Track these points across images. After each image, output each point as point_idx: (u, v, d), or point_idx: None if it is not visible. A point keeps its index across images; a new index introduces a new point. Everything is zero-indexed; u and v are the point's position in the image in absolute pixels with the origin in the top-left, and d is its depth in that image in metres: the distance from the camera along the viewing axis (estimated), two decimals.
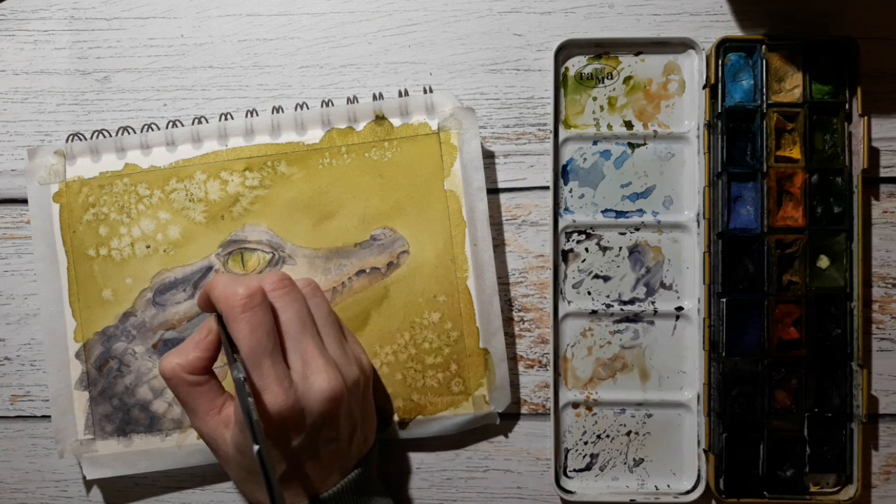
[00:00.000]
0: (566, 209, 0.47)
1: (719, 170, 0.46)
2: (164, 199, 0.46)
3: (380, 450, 0.46)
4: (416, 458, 0.48)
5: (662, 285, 0.47)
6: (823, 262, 0.46)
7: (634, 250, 0.47)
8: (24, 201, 0.48)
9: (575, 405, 0.47)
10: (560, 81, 0.47)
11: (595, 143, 0.47)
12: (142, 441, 0.46)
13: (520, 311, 0.48)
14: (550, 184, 0.47)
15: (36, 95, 0.48)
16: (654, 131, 0.47)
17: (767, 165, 0.46)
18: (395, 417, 0.46)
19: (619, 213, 0.47)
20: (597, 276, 0.47)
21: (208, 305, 0.41)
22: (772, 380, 0.46)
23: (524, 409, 0.48)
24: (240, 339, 0.38)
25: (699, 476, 0.47)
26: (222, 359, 0.41)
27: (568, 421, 0.47)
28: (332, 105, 0.47)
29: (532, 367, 0.48)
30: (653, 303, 0.47)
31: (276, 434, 0.39)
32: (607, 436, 0.47)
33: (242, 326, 0.38)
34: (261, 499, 0.41)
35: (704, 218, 0.46)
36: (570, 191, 0.47)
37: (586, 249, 0.47)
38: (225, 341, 0.39)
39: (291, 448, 0.39)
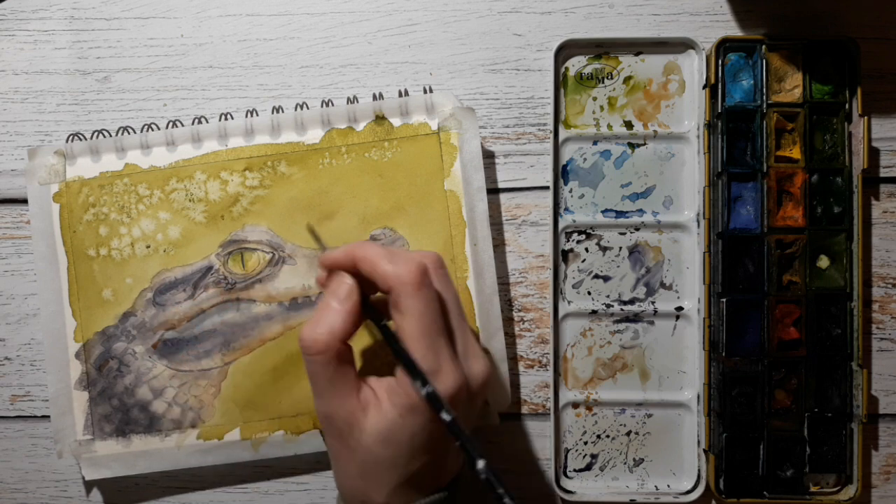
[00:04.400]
0: (566, 209, 0.47)
1: (719, 170, 0.46)
2: (164, 199, 0.46)
3: None
4: None
5: (662, 285, 0.47)
6: (823, 262, 0.46)
7: (634, 250, 0.47)
8: (24, 201, 0.48)
9: (575, 405, 0.47)
10: (560, 81, 0.47)
11: (595, 143, 0.47)
12: (141, 441, 0.46)
13: (520, 311, 0.48)
14: (550, 184, 0.47)
15: (36, 95, 0.48)
16: (654, 131, 0.47)
17: (767, 165, 0.46)
18: None
19: (619, 213, 0.47)
20: (597, 276, 0.47)
21: (342, 266, 0.38)
22: (772, 380, 0.46)
23: (524, 409, 0.48)
24: (414, 316, 0.36)
25: (699, 476, 0.47)
26: None
27: (568, 421, 0.47)
28: (332, 105, 0.47)
29: (532, 367, 0.48)
30: (653, 303, 0.47)
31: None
32: (607, 436, 0.47)
33: (417, 303, 0.36)
34: (375, 497, 0.38)
35: (704, 218, 0.46)
36: (570, 191, 0.47)
37: (586, 249, 0.47)
38: (372, 315, 0.37)
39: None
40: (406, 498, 0.37)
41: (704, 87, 0.46)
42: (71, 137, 0.46)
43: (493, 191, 0.48)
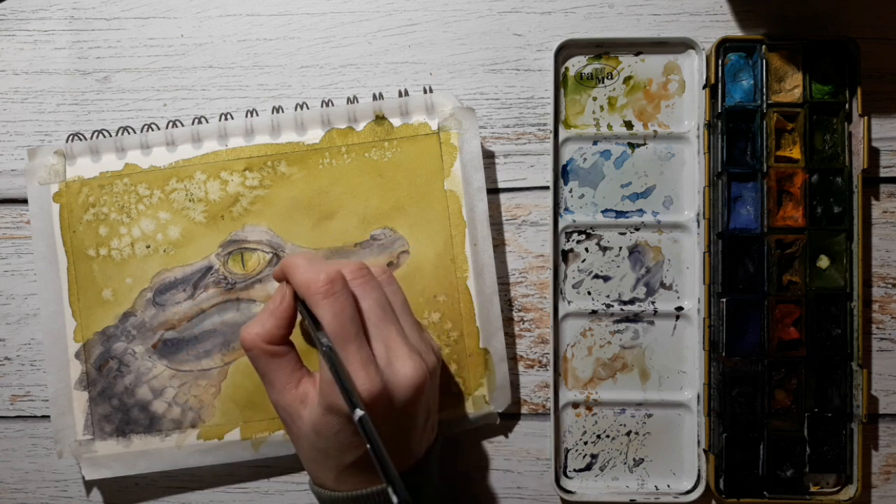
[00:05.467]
0: (566, 209, 0.47)
1: (719, 170, 0.46)
2: (164, 199, 0.46)
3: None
4: None
5: (662, 285, 0.47)
6: (823, 262, 0.46)
7: (634, 250, 0.47)
8: (24, 201, 0.48)
9: (575, 405, 0.47)
10: (560, 81, 0.47)
11: (595, 143, 0.47)
12: (141, 441, 0.46)
13: (520, 311, 0.48)
14: (550, 184, 0.47)
15: (36, 95, 0.48)
16: (654, 131, 0.47)
17: (767, 165, 0.46)
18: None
19: (619, 213, 0.47)
20: (597, 276, 0.47)
21: (284, 279, 0.41)
22: (772, 380, 0.46)
23: (524, 409, 0.48)
24: (323, 322, 0.38)
25: (699, 476, 0.47)
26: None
27: (568, 421, 0.47)
28: (332, 105, 0.47)
29: (532, 367, 0.48)
30: (653, 303, 0.47)
31: None
32: (607, 436, 0.47)
33: (325, 312, 0.38)
34: (325, 480, 0.40)
35: (704, 218, 0.46)
36: (570, 191, 0.47)
37: (586, 249, 0.47)
38: (307, 318, 0.39)
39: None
40: (354, 482, 0.40)
41: (704, 87, 0.46)
42: (71, 137, 0.46)
43: (493, 191, 0.48)
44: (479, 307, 0.46)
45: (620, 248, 0.47)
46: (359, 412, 0.36)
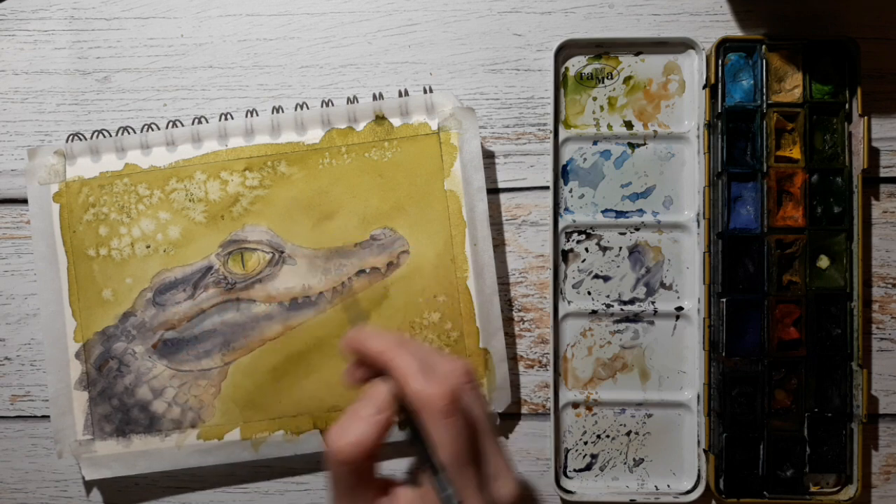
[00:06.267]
0: (566, 209, 0.47)
1: (719, 170, 0.46)
2: (164, 199, 0.46)
3: None
4: None
5: (662, 285, 0.47)
6: (823, 262, 0.46)
7: (634, 250, 0.47)
8: (24, 201, 0.48)
9: (575, 405, 0.47)
10: (560, 81, 0.47)
11: (595, 143, 0.47)
12: (141, 441, 0.46)
13: (520, 311, 0.48)
14: (550, 184, 0.47)
15: (36, 95, 0.48)
16: (654, 131, 0.47)
17: (767, 165, 0.46)
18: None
19: (619, 213, 0.47)
20: (597, 276, 0.47)
21: (367, 362, 0.36)
22: (772, 380, 0.46)
23: (524, 409, 0.48)
24: (442, 444, 0.34)
25: (699, 476, 0.47)
26: None
27: (568, 421, 0.47)
28: (332, 105, 0.47)
29: (532, 367, 0.48)
30: (653, 303, 0.47)
31: None
32: (607, 436, 0.47)
33: (445, 434, 0.34)
34: None
35: (704, 218, 0.46)
36: (570, 191, 0.47)
37: (586, 249, 0.47)
38: (412, 432, 0.35)
39: None
40: None
41: (704, 87, 0.46)
42: (71, 137, 0.46)
43: (493, 191, 0.48)
44: (479, 307, 0.46)
45: (620, 248, 0.47)
46: None
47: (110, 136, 0.47)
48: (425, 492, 0.35)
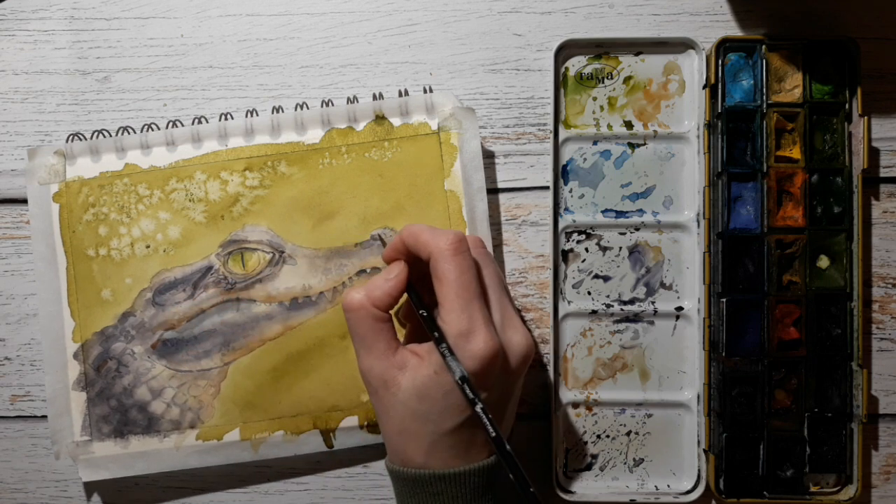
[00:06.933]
0: (566, 209, 0.47)
1: (719, 170, 0.46)
2: (164, 199, 0.46)
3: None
4: None
5: (662, 285, 0.47)
6: (823, 262, 0.46)
7: (634, 250, 0.47)
8: (24, 201, 0.48)
9: (575, 405, 0.47)
10: (560, 81, 0.47)
11: (595, 143, 0.47)
12: (139, 442, 0.46)
13: (520, 311, 0.48)
14: (550, 184, 0.47)
15: (36, 95, 0.48)
16: (654, 131, 0.47)
17: (767, 165, 0.46)
18: None
19: (619, 213, 0.47)
20: (597, 276, 0.47)
21: (400, 254, 0.41)
22: (772, 380, 0.46)
23: (524, 409, 0.48)
24: (450, 280, 0.38)
25: (699, 476, 0.47)
26: None
27: (568, 421, 0.47)
28: (332, 105, 0.47)
29: (532, 367, 0.48)
30: (653, 303, 0.47)
31: (475, 381, 0.38)
32: (607, 436, 0.47)
33: (453, 268, 0.38)
34: (414, 455, 0.40)
35: (704, 218, 0.46)
36: (570, 191, 0.47)
37: (586, 249, 0.47)
38: (416, 301, 0.40)
39: (483, 398, 0.39)
40: (444, 457, 0.39)
41: (704, 87, 0.46)
42: (71, 137, 0.46)
43: (493, 191, 0.48)
44: None
45: (620, 248, 0.47)
46: (478, 405, 0.38)
47: (110, 136, 0.47)
48: (431, 348, 0.39)
